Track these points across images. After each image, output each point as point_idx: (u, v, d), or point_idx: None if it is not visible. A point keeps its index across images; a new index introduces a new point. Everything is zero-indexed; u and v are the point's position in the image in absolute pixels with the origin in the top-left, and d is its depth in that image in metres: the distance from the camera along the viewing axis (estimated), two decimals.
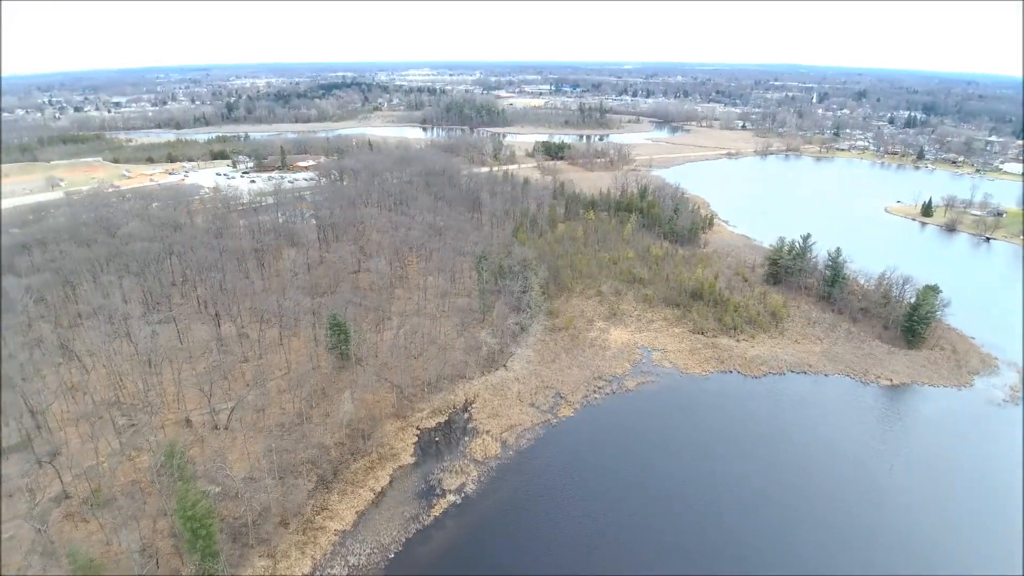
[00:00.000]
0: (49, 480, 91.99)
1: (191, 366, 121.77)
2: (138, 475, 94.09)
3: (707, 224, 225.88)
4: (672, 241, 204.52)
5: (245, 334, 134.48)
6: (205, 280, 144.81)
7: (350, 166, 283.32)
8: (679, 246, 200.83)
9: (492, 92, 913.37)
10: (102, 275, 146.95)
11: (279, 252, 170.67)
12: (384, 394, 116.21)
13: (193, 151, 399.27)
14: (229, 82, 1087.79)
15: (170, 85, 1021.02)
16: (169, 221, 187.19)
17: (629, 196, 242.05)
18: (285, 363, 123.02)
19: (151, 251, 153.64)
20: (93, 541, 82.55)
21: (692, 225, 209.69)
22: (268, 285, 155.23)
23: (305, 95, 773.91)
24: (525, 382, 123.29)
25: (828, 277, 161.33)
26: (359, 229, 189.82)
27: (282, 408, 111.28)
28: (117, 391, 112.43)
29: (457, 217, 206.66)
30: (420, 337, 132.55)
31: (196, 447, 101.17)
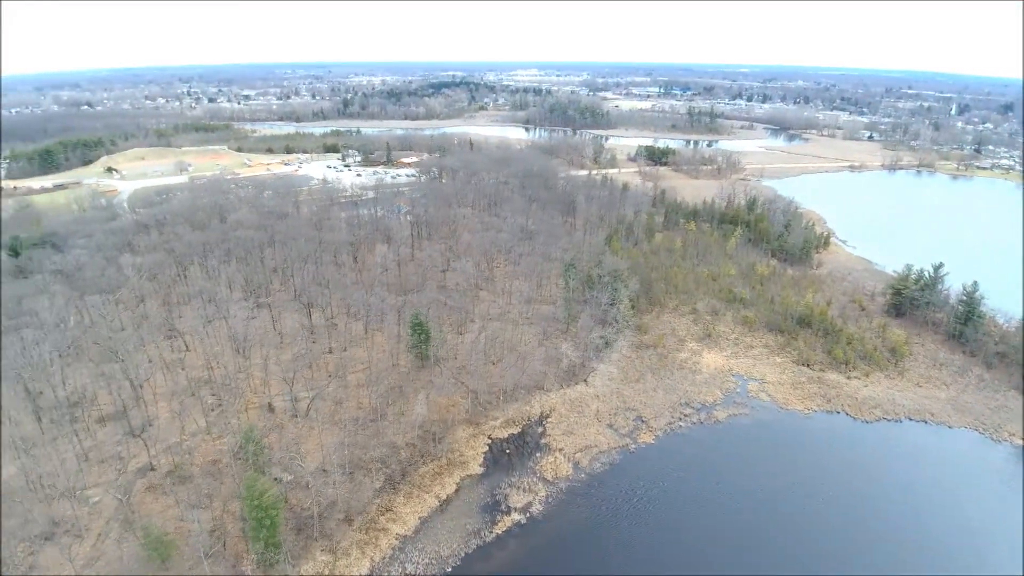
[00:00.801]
0: (137, 451, 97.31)
1: (280, 352, 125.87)
2: (218, 456, 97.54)
3: (822, 243, 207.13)
4: (781, 260, 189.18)
5: (333, 325, 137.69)
6: (301, 270, 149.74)
7: (449, 164, 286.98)
8: (788, 265, 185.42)
9: (598, 94, 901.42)
10: (209, 259, 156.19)
11: (372, 247, 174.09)
12: (459, 398, 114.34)
13: (308, 144, 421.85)
14: (348, 79, 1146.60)
15: (295, 81, 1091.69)
16: (276, 210, 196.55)
17: (735, 207, 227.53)
18: (367, 358, 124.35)
19: (255, 239, 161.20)
20: (168, 516, 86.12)
21: (804, 243, 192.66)
22: (359, 278, 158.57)
23: (416, 93, 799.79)
24: (605, 400, 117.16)
25: (961, 314, 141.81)
26: (451, 228, 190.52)
27: (359, 402, 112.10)
28: (210, 371, 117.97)
29: (549, 221, 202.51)
30: (500, 343, 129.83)
31: (275, 433, 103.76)
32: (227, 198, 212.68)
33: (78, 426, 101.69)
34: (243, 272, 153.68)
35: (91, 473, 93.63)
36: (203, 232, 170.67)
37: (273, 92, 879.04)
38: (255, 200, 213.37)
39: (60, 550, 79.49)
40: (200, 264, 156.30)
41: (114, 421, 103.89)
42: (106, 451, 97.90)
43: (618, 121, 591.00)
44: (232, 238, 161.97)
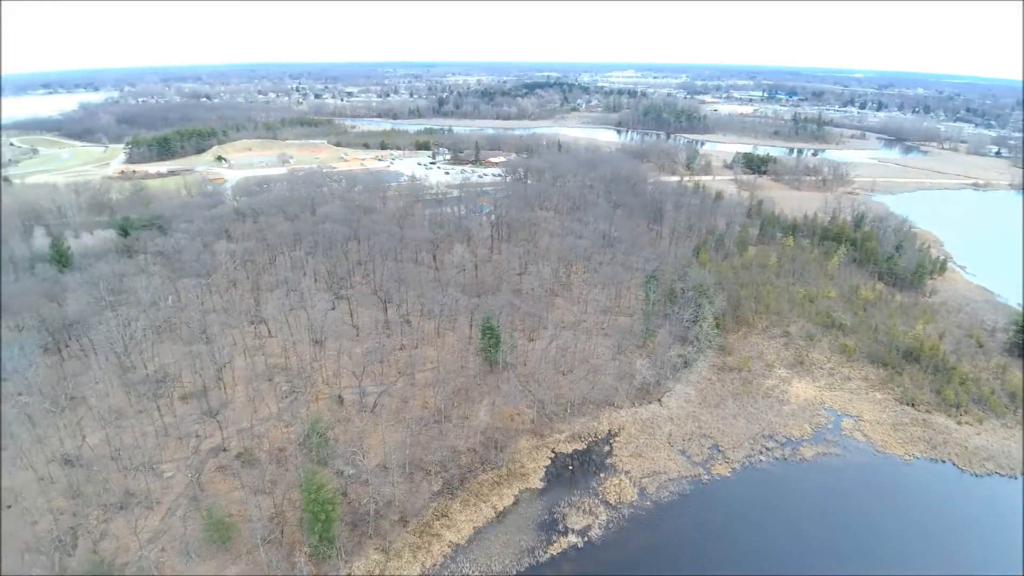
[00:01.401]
0: (212, 431, 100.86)
1: (354, 345, 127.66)
2: (285, 443, 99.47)
3: (937, 268, 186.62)
4: (888, 284, 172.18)
5: (407, 322, 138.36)
6: (381, 265, 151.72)
7: (536, 165, 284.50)
8: (897, 291, 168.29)
9: (696, 97, 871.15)
10: (297, 249, 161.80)
11: (451, 246, 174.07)
12: (524, 407, 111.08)
13: (402, 141, 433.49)
14: (445, 78, 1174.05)
15: (395, 79, 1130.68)
16: (364, 205, 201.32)
17: (840, 223, 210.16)
18: (436, 358, 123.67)
19: (340, 232, 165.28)
20: (233, 498, 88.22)
21: (917, 267, 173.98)
22: (436, 276, 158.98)
23: (509, 93, 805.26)
24: (679, 424, 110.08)
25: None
26: (531, 231, 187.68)
27: (425, 402, 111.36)
28: (286, 359, 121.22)
29: (634, 228, 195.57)
30: (572, 353, 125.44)
31: (341, 426, 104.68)
32: (320, 191, 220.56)
33: (161, 402, 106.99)
34: (327, 264, 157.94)
35: (168, 448, 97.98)
36: (294, 223, 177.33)
37: (374, 90, 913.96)
38: (345, 194, 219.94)
39: (130, 521, 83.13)
40: (288, 254, 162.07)
41: (195, 399, 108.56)
42: (184, 428, 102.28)
43: (716, 126, 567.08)
44: (320, 230, 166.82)
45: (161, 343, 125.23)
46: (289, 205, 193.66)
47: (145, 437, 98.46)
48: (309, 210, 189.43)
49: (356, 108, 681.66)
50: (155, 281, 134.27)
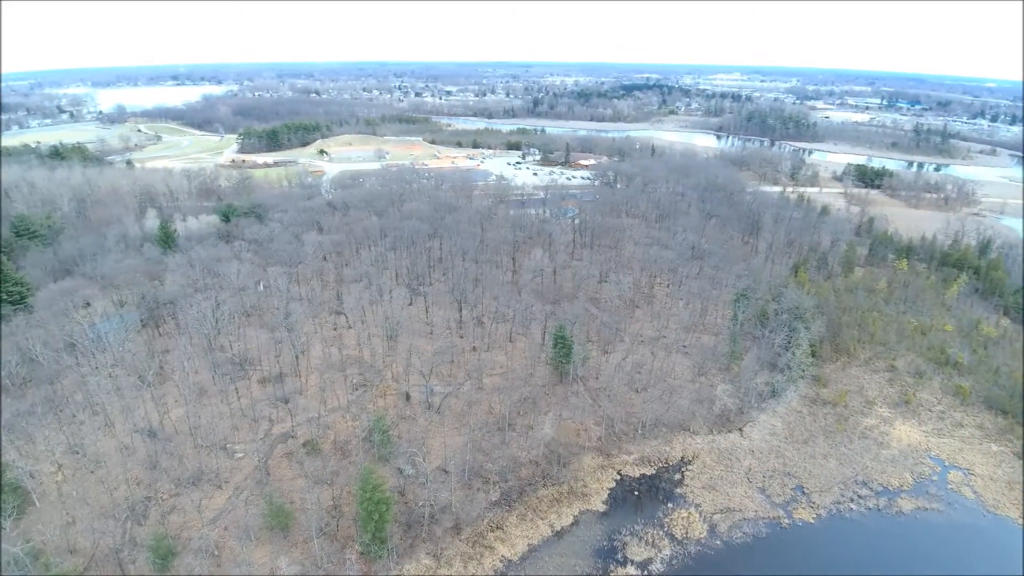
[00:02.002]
0: (283, 417, 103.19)
1: (426, 343, 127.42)
2: (350, 436, 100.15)
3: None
4: (1016, 321, 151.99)
5: (481, 323, 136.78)
6: (459, 265, 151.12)
7: (626, 170, 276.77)
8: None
9: (806, 102, 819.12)
10: (380, 244, 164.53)
11: (532, 248, 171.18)
12: (592, 423, 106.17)
13: (494, 140, 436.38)
14: (543, 79, 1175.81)
15: (494, 79, 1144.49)
16: (449, 203, 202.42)
17: (963, 248, 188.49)
18: (506, 363, 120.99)
19: (422, 230, 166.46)
20: (295, 486, 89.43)
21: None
22: (513, 279, 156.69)
23: (605, 95, 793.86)
24: (761, 459, 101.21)
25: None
26: (615, 238, 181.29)
27: (490, 408, 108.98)
28: (360, 352, 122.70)
29: (726, 241, 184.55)
30: (648, 370, 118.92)
31: (405, 424, 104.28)
32: (409, 187, 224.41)
33: (240, 384, 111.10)
34: (407, 260, 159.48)
35: (242, 429, 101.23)
36: (381, 218, 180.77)
37: (472, 89, 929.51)
38: (432, 192, 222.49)
39: (198, 498, 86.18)
40: (371, 248, 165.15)
41: (271, 384, 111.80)
42: (258, 411, 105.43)
43: (826, 134, 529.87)
44: (403, 227, 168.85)
45: (248, 327, 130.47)
46: (378, 200, 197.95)
47: (222, 417, 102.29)
48: (396, 206, 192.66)
49: (453, 107, 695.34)
50: (246, 267, 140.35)
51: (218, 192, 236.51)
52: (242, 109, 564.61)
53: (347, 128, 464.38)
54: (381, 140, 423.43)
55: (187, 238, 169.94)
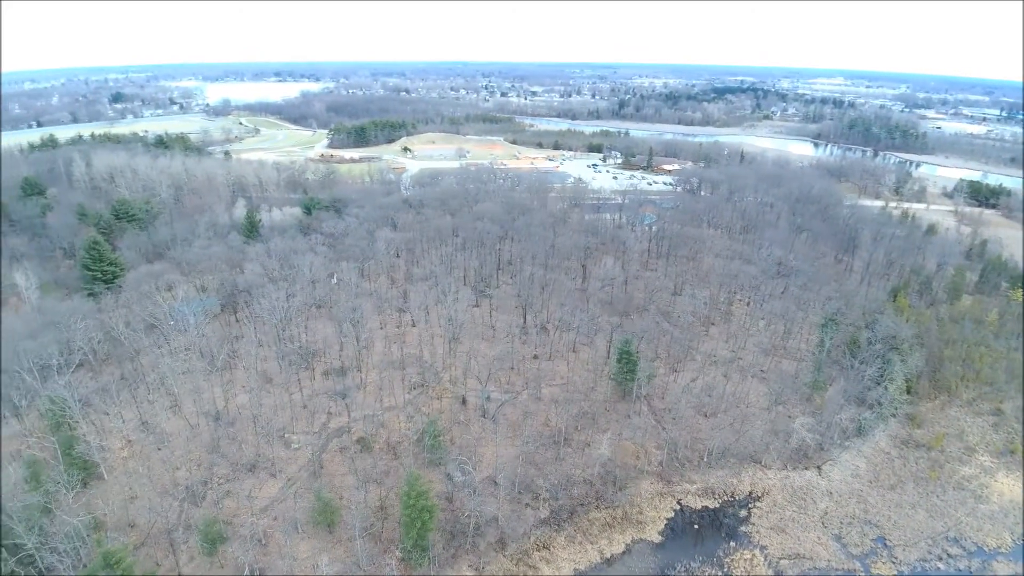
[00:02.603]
0: (341, 411, 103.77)
1: (488, 347, 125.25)
2: (403, 436, 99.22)
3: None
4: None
5: (545, 331, 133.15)
6: (527, 269, 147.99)
7: (711, 176, 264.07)
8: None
9: (916, 111, 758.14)
10: (449, 243, 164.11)
11: (604, 255, 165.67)
12: (653, 447, 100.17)
13: (575, 142, 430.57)
14: (630, 80, 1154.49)
15: (580, 80, 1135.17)
16: (523, 204, 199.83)
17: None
18: (567, 374, 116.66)
19: (492, 231, 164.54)
20: (345, 482, 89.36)
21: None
22: (582, 287, 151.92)
23: (695, 97, 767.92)
24: (839, 502, 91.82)
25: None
26: (694, 249, 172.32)
27: (547, 420, 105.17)
28: (421, 351, 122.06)
29: (817, 259, 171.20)
30: (720, 394, 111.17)
31: (459, 429, 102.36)
32: (485, 187, 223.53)
33: (304, 375, 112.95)
34: (476, 261, 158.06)
35: (301, 420, 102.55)
36: (454, 217, 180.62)
37: (557, 89, 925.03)
38: (507, 192, 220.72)
39: (252, 485, 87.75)
40: (441, 247, 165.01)
41: (333, 377, 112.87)
42: (318, 404, 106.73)
43: (936, 146, 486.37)
44: (475, 227, 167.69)
45: (317, 319, 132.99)
46: (453, 199, 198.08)
47: (283, 407, 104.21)
48: (469, 206, 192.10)
49: (537, 107, 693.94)
50: (319, 260, 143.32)
51: (304, 185, 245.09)
52: (335, 105, 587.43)
53: (431, 126, 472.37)
54: (463, 139, 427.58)
55: (271, 228, 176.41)
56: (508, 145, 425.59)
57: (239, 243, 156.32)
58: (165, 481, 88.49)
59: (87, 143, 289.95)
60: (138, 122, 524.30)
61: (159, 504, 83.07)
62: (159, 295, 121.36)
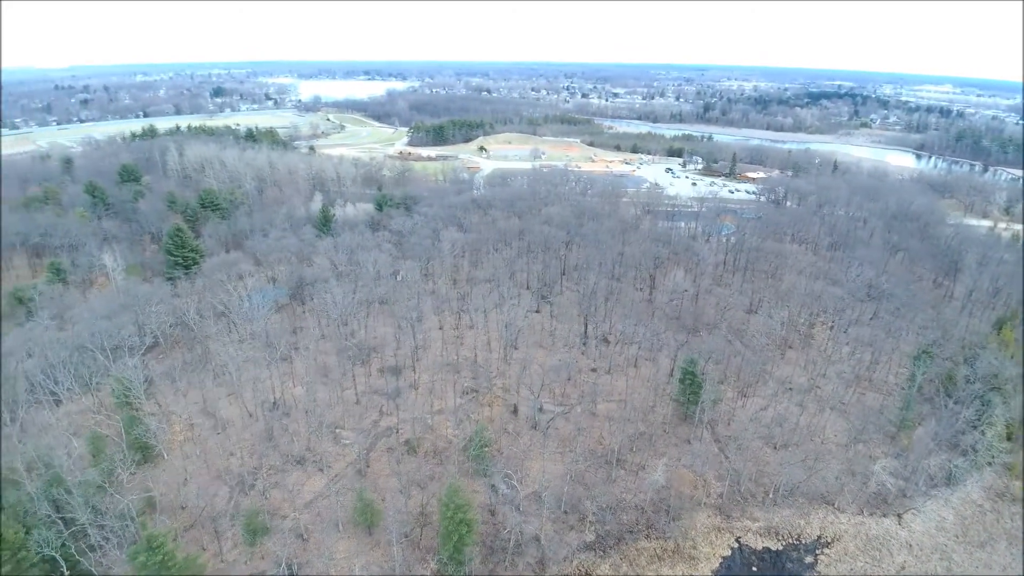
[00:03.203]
0: (393, 410, 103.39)
1: (545, 356, 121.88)
2: (449, 442, 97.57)
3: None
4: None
5: (606, 342, 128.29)
6: (591, 277, 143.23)
7: (799, 187, 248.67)
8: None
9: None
10: (513, 246, 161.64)
11: (675, 265, 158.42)
12: (713, 477, 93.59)
13: (655, 145, 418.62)
14: (719, 83, 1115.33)
15: (665, 82, 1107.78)
16: (593, 209, 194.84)
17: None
18: (625, 391, 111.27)
19: (558, 236, 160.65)
20: (389, 485, 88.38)
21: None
22: (649, 298, 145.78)
23: (787, 102, 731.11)
24: (920, 556, 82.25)
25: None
26: (774, 264, 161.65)
27: (600, 438, 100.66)
28: (476, 355, 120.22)
29: (913, 283, 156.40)
30: (791, 425, 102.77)
31: (508, 439, 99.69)
32: (556, 189, 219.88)
33: (361, 371, 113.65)
34: (539, 266, 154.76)
35: (353, 416, 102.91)
36: (521, 219, 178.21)
37: (640, 91, 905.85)
38: (579, 196, 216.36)
39: (300, 478, 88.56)
40: (506, 250, 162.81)
41: (388, 376, 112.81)
42: (371, 401, 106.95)
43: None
44: (541, 230, 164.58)
45: (379, 315, 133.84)
46: (522, 201, 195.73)
47: (337, 402, 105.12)
48: (537, 208, 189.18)
49: (618, 109, 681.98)
50: (384, 257, 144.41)
51: (380, 181, 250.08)
52: (418, 104, 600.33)
53: (510, 127, 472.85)
54: (539, 140, 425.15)
55: (343, 223, 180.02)
56: (584, 147, 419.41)
57: (311, 236, 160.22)
58: (219, 467, 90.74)
59: (183, 134, 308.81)
60: (234, 115, 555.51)
61: (210, 489, 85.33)
62: (230, 284, 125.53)
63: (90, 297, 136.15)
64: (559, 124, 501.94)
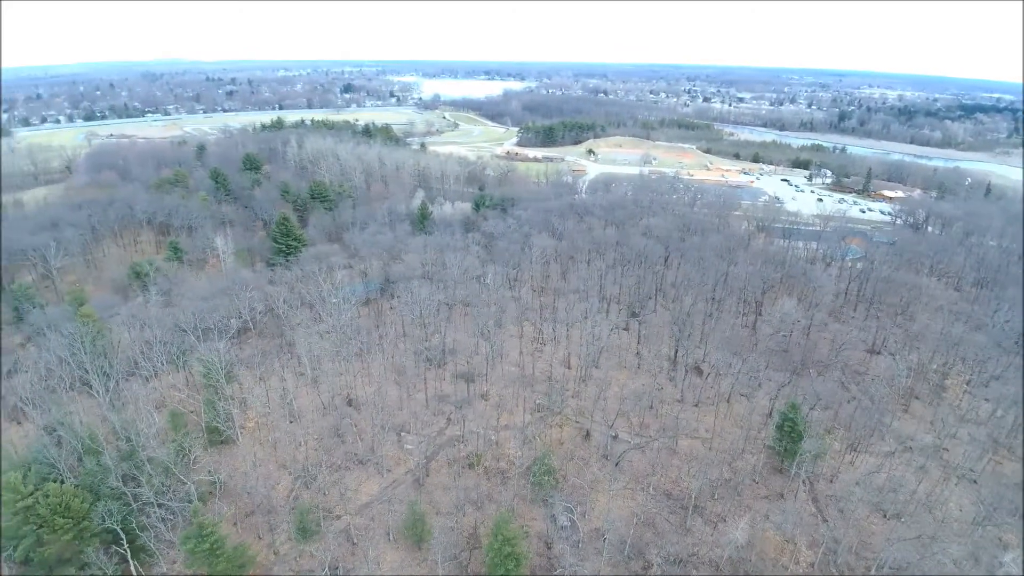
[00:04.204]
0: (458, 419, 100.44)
1: (629, 379, 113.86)
2: (511, 463, 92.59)
3: None
4: None
5: (698, 371, 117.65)
6: (688, 297, 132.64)
7: (943, 211, 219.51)
8: None
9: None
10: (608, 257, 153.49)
11: (784, 293, 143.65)
12: (806, 543, 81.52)
13: (779, 155, 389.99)
14: (858, 90, 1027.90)
15: (796, 87, 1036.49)
16: (700, 222, 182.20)
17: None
18: (713, 429, 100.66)
19: (656, 250, 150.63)
20: (445, 499, 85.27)
21: None
22: (753, 327, 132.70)
23: (935, 114, 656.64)
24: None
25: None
26: (905, 299, 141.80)
27: (679, 479, 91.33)
28: (552, 370, 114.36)
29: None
30: (910, 492, 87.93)
31: (575, 466, 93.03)
32: (661, 198, 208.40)
33: (435, 374, 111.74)
34: (633, 280, 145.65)
35: (420, 421, 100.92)
36: (618, 229, 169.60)
37: (768, 97, 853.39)
38: (685, 206, 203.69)
39: (360, 479, 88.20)
40: (599, 260, 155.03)
41: (460, 382, 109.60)
42: (440, 408, 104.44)
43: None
44: (639, 242, 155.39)
45: (459, 319, 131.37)
46: (623, 208, 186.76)
47: (408, 404, 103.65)
48: (638, 217, 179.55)
49: (741, 115, 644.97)
50: (471, 260, 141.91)
51: (482, 180, 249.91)
52: (531, 104, 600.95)
53: (622, 129, 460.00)
54: (652, 144, 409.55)
55: (440, 221, 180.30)
56: (700, 154, 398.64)
57: (403, 233, 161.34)
58: (285, 456, 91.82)
59: (306, 127, 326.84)
60: (359, 111, 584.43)
61: (274, 478, 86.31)
62: (320, 275, 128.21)
63: (200, 277, 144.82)
64: (675, 128, 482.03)
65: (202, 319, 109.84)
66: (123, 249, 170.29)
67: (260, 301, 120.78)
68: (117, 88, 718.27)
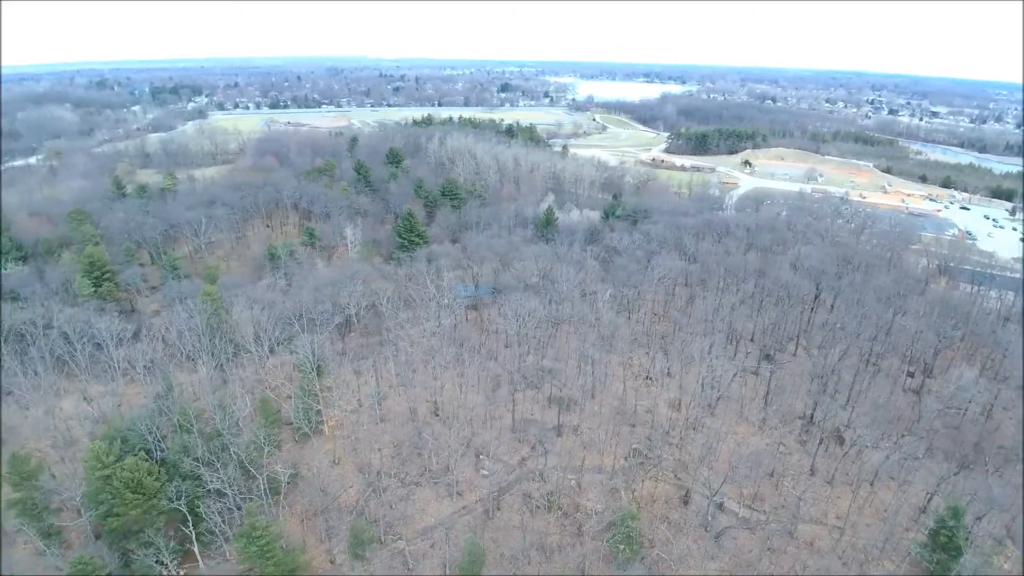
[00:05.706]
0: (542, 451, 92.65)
1: (747, 433, 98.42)
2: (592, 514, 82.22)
3: None
4: None
5: (839, 440, 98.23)
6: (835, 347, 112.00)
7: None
8: None
9: None
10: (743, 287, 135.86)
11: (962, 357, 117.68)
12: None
13: (976, 181, 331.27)
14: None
15: (1006, 104, 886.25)
16: (865, 256, 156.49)
17: None
18: (847, 515, 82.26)
19: (805, 286, 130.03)
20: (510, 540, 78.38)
21: None
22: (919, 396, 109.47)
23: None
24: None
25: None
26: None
27: (793, 571, 75.28)
28: (657, 413, 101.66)
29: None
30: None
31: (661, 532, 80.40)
32: (820, 223, 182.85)
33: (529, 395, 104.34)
34: (769, 317, 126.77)
35: (503, 445, 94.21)
36: (761, 255, 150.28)
37: (969, 113, 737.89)
38: (850, 234, 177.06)
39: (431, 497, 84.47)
40: (733, 289, 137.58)
41: (554, 408, 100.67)
42: (527, 434, 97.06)
43: None
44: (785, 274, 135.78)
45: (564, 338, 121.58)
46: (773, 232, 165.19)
47: (495, 424, 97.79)
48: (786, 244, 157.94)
49: (933, 131, 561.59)
50: (585, 275, 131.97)
51: (619, 188, 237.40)
52: (687, 109, 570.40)
53: (787, 140, 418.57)
54: (820, 159, 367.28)
55: (565, 228, 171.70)
56: (877, 173, 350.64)
57: (519, 240, 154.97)
58: (363, 460, 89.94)
59: (452, 124, 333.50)
60: (512, 110, 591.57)
61: (349, 479, 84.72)
62: (428, 276, 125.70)
63: (327, 265, 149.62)
64: (850, 143, 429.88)
65: (308, 309, 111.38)
66: (271, 230, 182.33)
67: (366, 297, 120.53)
68: (303, 80, 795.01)
